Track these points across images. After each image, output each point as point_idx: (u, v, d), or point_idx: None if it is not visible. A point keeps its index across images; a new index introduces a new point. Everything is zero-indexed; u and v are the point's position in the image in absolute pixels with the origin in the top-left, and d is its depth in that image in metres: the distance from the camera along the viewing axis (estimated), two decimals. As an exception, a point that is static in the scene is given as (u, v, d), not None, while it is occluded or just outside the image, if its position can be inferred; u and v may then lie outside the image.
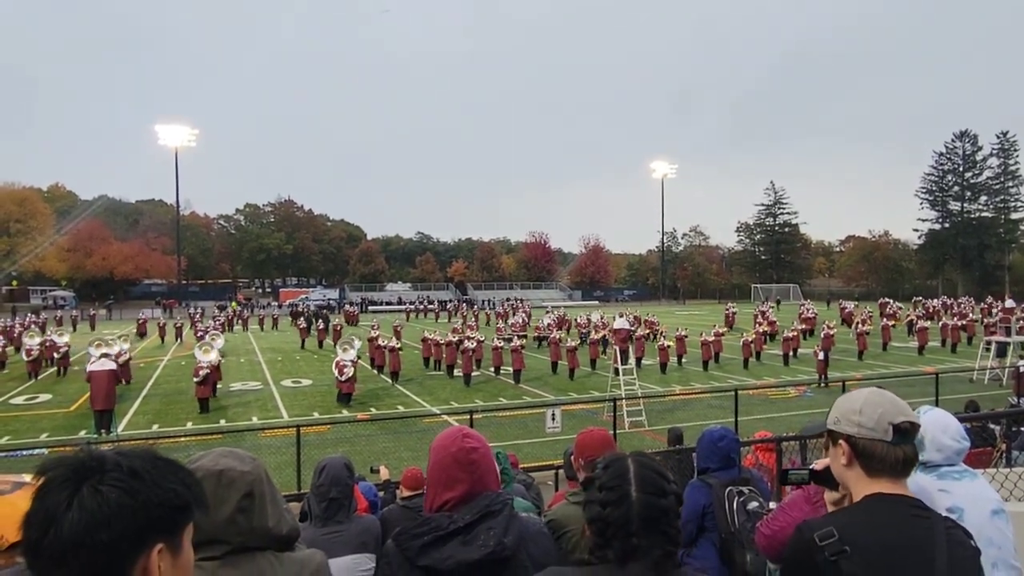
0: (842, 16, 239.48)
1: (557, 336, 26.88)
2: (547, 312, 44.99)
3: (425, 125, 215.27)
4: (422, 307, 63.08)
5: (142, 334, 41.70)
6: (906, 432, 1.69)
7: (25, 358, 25.03)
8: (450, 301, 70.91)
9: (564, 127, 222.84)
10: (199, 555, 1.55)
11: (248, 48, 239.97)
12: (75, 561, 0.94)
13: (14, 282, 71.27)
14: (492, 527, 1.87)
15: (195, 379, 19.30)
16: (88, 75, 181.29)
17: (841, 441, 1.76)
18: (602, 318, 34.51)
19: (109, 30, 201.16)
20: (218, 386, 21.31)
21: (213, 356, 20.38)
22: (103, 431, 16.29)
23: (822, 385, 21.68)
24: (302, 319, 40.52)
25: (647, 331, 33.48)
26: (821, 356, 22.60)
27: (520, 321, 40.15)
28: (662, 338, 27.94)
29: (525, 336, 34.55)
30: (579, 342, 28.46)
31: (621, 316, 29.69)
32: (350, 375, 20.30)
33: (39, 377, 24.57)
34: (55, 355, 25.86)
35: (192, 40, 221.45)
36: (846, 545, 1.57)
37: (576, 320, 39.32)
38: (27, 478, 3.09)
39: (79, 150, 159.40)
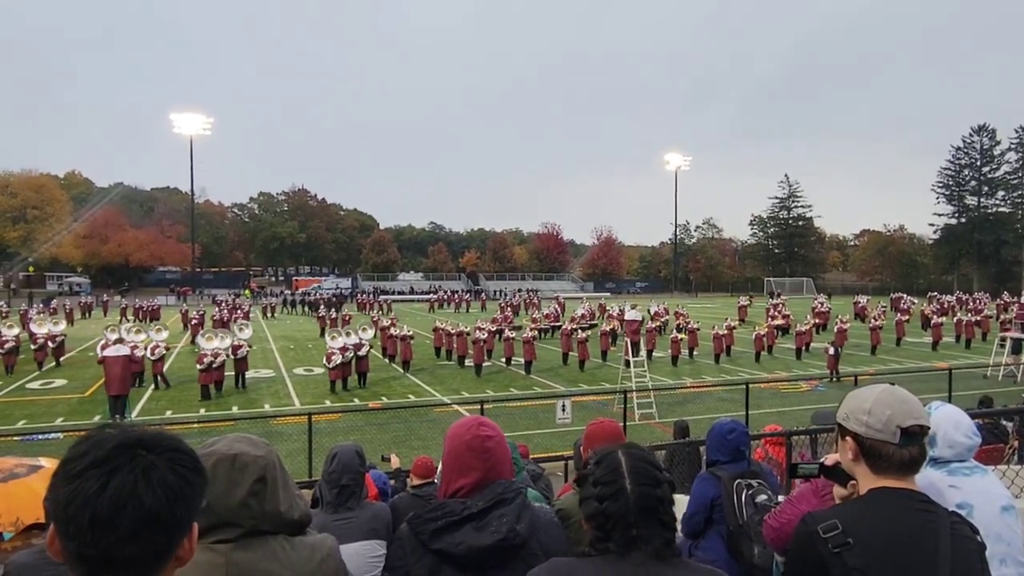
0: (858, 9, 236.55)
1: (568, 327, 26.85)
2: (582, 303, 44.61)
3: (438, 116, 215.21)
4: (445, 297, 62.42)
5: (152, 319, 41.90)
6: (914, 435, 1.68)
7: (32, 346, 24.75)
8: (462, 291, 70.87)
9: (578, 118, 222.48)
10: (213, 537, 1.59)
11: (262, 38, 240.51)
12: (150, 535, 0.97)
13: (30, 268, 72.02)
14: (504, 514, 1.88)
15: (199, 366, 19.46)
16: (104, 64, 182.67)
17: (848, 438, 1.76)
18: (634, 308, 33.88)
19: (126, 20, 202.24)
20: (246, 375, 21.29)
21: (215, 344, 20.43)
22: (117, 416, 16.45)
23: (833, 380, 21.56)
24: (321, 307, 40.93)
25: (677, 322, 33.20)
26: (832, 351, 22.48)
27: (554, 312, 40.08)
28: (675, 330, 27.89)
29: (559, 327, 34.22)
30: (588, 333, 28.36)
31: (633, 308, 29.66)
32: (337, 363, 20.43)
33: (43, 367, 24.09)
34: (50, 344, 24.88)
35: (207, 30, 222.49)
36: (850, 538, 1.57)
37: (609, 312, 38.93)
38: (43, 461, 3.14)
39: (95, 138, 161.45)
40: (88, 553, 0.96)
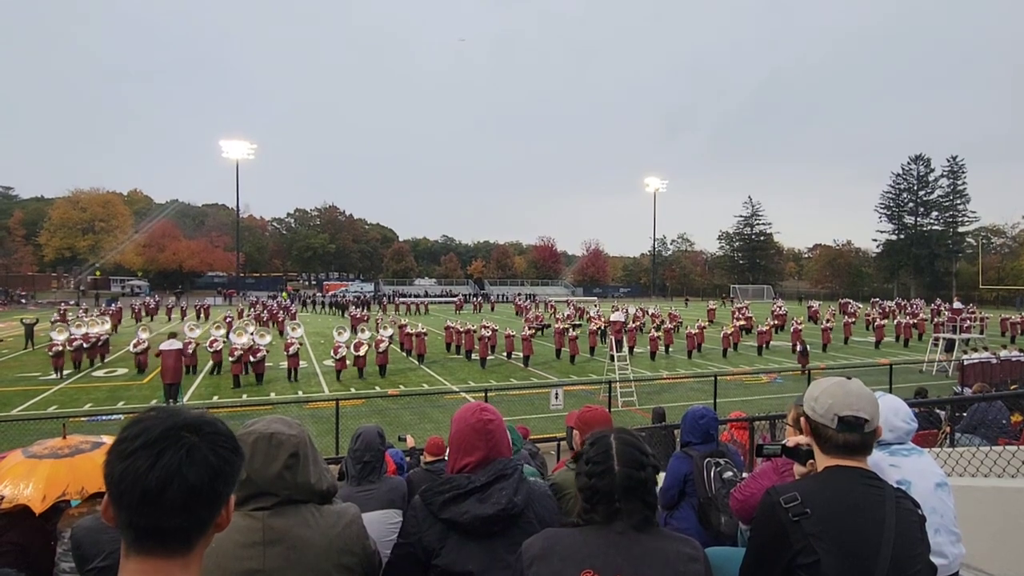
0: (813, 51, 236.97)
1: (561, 327, 26.79)
2: (594, 305, 44.26)
3: (452, 143, 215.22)
4: (465, 300, 62.27)
5: (206, 316, 41.88)
6: (850, 424, 1.69)
7: (84, 345, 22.83)
8: (471, 294, 70.86)
9: (571, 145, 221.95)
10: (252, 505, 1.59)
11: (301, 75, 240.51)
12: (193, 508, 0.98)
13: (97, 272, 72.10)
14: (504, 488, 1.87)
15: (230, 359, 19.41)
16: (165, 97, 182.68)
17: (803, 418, 1.80)
18: (617, 311, 33.22)
19: (185, 59, 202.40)
20: (298, 369, 20.77)
21: (245, 339, 20.26)
22: (171, 400, 16.43)
23: (803, 373, 21.19)
24: (351, 308, 41.06)
25: (672, 323, 32.72)
26: (800, 348, 22.31)
27: (572, 312, 39.94)
28: (653, 329, 27.85)
29: (580, 325, 33.62)
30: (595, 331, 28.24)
31: (617, 310, 29.57)
32: (342, 355, 20.46)
33: (94, 363, 22.83)
34: (84, 344, 22.35)
35: (254, 68, 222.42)
36: (808, 508, 1.57)
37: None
38: (105, 439, 3.14)
39: (156, 160, 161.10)
40: (139, 523, 0.96)
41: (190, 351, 20.26)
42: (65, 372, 20.77)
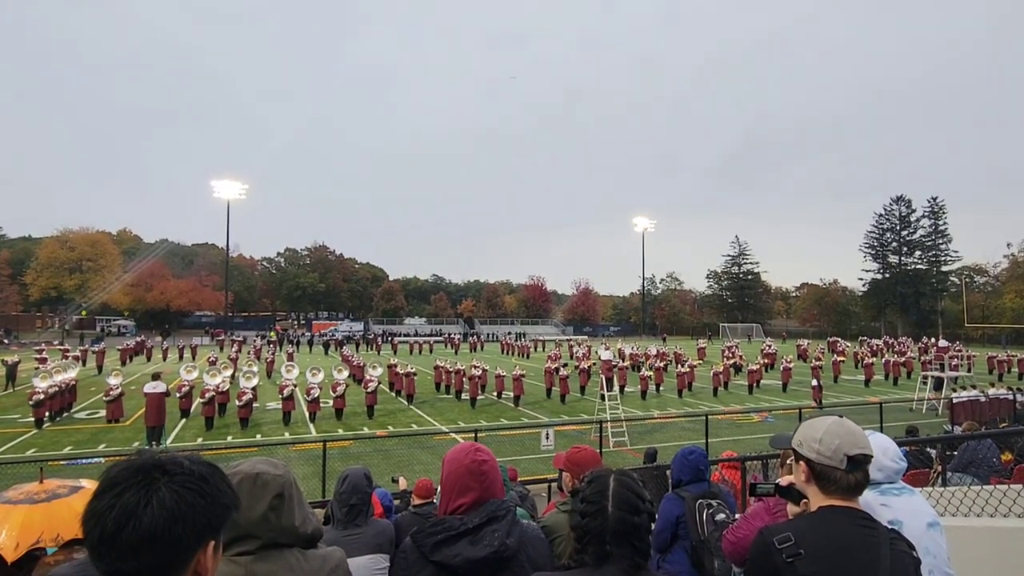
0: (797, 99, 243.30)
1: (553, 367, 26.66)
2: (604, 347, 43.76)
3: (442, 182, 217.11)
4: (460, 339, 62.14)
5: (194, 356, 41.30)
6: (859, 462, 1.68)
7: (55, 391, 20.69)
8: (461, 334, 70.67)
9: (560, 186, 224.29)
10: (235, 550, 1.55)
11: (292, 114, 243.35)
12: (149, 552, 0.95)
13: (83, 312, 71.30)
14: (497, 529, 1.84)
15: (201, 400, 19.04)
16: (156, 137, 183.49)
17: (801, 462, 1.76)
18: (607, 349, 33.04)
19: (176, 99, 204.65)
20: (291, 414, 20.10)
21: (218, 380, 20.01)
22: (154, 443, 16.10)
23: (819, 408, 20.84)
24: (345, 347, 40.80)
25: (663, 362, 32.31)
26: (815, 383, 21.99)
27: (583, 353, 39.65)
28: (644, 368, 27.78)
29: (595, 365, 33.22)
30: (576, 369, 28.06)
31: (607, 349, 29.50)
32: (316, 395, 20.31)
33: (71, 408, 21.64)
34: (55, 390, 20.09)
35: (245, 108, 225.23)
36: (801, 548, 1.55)
37: (633, 352, 38.73)
38: (84, 483, 3.06)
39: (146, 200, 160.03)
40: (100, 566, 0.95)
41: (183, 392, 19.89)
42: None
